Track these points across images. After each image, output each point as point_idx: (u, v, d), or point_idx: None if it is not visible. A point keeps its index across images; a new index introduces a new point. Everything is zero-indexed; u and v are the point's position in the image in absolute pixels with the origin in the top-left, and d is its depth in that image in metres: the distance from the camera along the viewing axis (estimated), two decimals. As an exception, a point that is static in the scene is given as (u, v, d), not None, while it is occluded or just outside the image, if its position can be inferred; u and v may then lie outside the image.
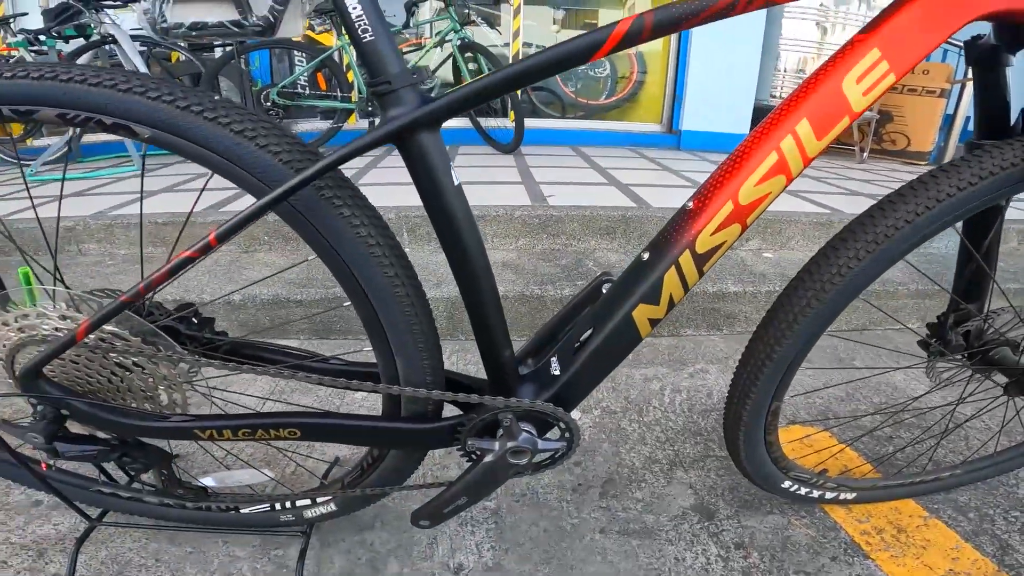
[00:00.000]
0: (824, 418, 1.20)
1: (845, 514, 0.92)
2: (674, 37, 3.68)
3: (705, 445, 1.10)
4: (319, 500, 0.76)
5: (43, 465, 0.84)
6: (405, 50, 3.63)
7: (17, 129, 2.92)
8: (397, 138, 0.54)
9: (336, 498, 0.76)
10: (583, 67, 3.86)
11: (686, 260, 0.57)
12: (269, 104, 2.99)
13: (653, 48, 3.85)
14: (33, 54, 2.45)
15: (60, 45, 2.51)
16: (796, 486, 0.86)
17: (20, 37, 2.47)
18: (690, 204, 0.59)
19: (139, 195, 2.05)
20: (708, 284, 1.56)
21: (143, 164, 0.59)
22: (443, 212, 0.56)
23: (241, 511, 0.78)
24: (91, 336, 0.57)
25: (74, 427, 0.66)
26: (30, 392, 0.60)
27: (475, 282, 0.58)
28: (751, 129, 0.63)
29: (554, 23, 3.99)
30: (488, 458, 0.64)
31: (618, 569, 0.80)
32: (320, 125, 3.31)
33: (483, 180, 2.35)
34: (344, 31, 2.96)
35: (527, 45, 3.78)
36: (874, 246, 0.60)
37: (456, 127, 3.61)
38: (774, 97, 3.78)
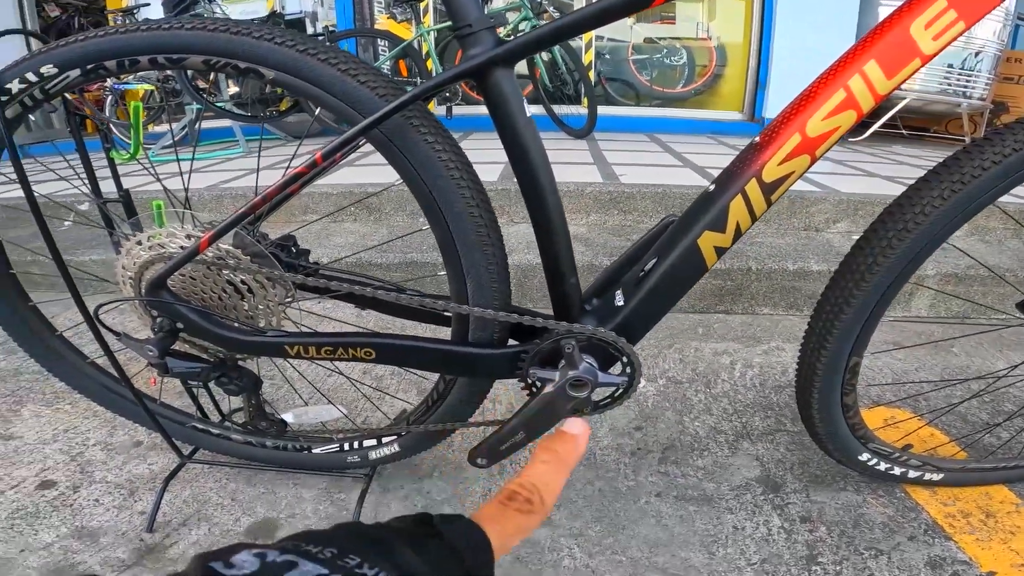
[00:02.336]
0: (910, 396, 1.12)
1: (928, 496, 0.86)
2: (757, 21, 3.51)
3: (776, 419, 1.06)
4: (384, 440, 0.81)
5: (151, 381, 0.94)
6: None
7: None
8: (477, 74, 0.58)
9: (400, 439, 0.81)
10: (659, 55, 3.82)
11: (752, 188, 0.58)
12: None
13: (734, 34, 3.69)
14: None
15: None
16: (876, 460, 0.81)
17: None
18: (757, 139, 0.60)
19: (254, 167, 2.26)
20: (789, 262, 1.50)
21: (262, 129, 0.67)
22: (516, 141, 0.59)
23: (313, 451, 0.84)
24: (210, 253, 0.66)
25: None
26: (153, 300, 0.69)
27: (544, 207, 0.60)
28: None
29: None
30: (548, 388, 0.65)
31: (672, 533, 0.79)
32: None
33: (555, 161, 2.37)
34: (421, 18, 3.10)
35: (599, 38, 3.75)
36: (960, 186, 0.57)
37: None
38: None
